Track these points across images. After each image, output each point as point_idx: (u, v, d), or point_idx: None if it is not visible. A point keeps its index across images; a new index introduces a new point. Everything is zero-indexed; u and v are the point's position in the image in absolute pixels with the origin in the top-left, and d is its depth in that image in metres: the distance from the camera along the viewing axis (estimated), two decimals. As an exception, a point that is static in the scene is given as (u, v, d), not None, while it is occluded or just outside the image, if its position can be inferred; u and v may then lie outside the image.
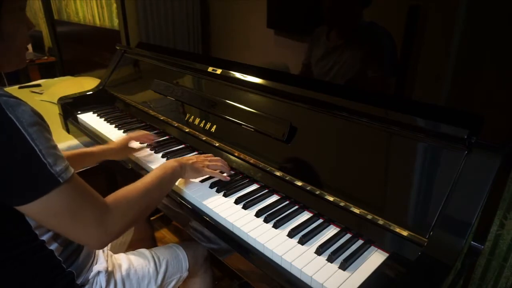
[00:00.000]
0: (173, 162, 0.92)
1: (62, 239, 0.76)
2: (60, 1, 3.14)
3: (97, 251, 0.92)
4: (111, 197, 0.73)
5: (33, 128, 0.60)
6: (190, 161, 0.96)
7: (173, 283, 1.01)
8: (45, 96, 2.55)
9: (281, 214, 0.85)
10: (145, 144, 1.20)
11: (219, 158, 1.04)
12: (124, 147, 1.14)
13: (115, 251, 1.04)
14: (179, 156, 1.13)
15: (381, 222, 0.75)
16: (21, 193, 0.60)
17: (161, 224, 2.03)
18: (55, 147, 0.63)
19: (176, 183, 0.97)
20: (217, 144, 1.12)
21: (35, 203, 0.60)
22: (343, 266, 0.70)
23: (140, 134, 1.18)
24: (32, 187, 0.60)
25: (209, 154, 1.07)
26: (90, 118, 1.50)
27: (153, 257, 0.98)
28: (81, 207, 0.65)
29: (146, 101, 1.47)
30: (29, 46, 3.72)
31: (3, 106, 0.58)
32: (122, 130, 1.36)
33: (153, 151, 1.17)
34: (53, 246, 0.74)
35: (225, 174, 1.00)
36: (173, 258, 1.01)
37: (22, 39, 0.70)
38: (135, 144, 1.19)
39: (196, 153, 1.17)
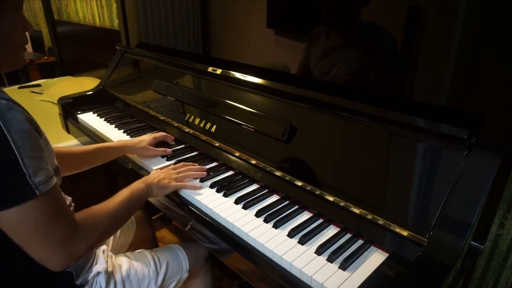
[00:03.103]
0: (139, 183, 0.90)
1: None
2: (60, 1, 3.14)
3: (97, 251, 0.91)
4: (80, 215, 0.70)
5: (20, 135, 0.58)
6: (156, 179, 0.93)
7: (173, 284, 1.00)
8: (45, 96, 2.55)
9: (281, 214, 0.85)
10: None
11: (190, 165, 1.01)
12: (148, 144, 1.13)
13: (116, 252, 1.04)
14: (179, 157, 1.14)
15: (381, 222, 0.75)
16: None
17: (161, 224, 2.03)
18: (40, 157, 0.61)
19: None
20: (217, 144, 1.12)
21: (6, 212, 0.58)
22: (343, 266, 0.70)
23: (163, 134, 1.20)
24: (6, 195, 0.58)
25: (181, 164, 1.03)
26: (90, 118, 1.50)
27: (153, 258, 0.98)
28: (51, 224, 0.62)
29: (146, 101, 1.47)
30: (29, 46, 3.73)
31: None
32: (122, 130, 1.36)
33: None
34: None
35: (197, 182, 0.98)
36: (173, 259, 1.01)
37: (18, 38, 0.70)
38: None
39: (196, 153, 1.17)
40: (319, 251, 0.74)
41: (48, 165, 0.64)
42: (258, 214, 0.85)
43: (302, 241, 0.77)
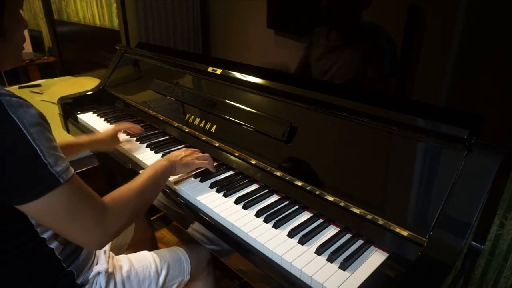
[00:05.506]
0: (163, 161, 0.93)
1: (63, 237, 0.76)
2: (60, 1, 3.14)
3: (97, 251, 0.92)
4: (108, 198, 0.74)
5: (35, 128, 0.60)
6: (179, 157, 0.96)
7: (174, 286, 1.00)
8: (45, 96, 2.55)
9: (281, 214, 0.85)
10: (133, 136, 1.27)
11: (207, 154, 1.06)
12: (112, 138, 1.19)
13: (116, 252, 1.04)
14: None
15: (381, 222, 0.75)
16: (22, 192, 0.60)
17: (161, 224, 2.03)
18: (56, 147, 0.64)
19: (176, 183, 0.97)
20: (217, 144, 1.12)
21: (36, 203, 0.61)
22: (343, 266, 0.70)
23: (127, 126, 1.24)
24: (33, 187, 0.60)
25: (196, 149, 1.08)
26: (90, 118, 1.50)
27: (154, 259, 0.98)
28: (80, 208, 0.66)
29: (146, 101, 1.47)
30: (29, 46, 3.73)
31: (5, 106, 0.58)
32: (122, 130, 1.36)
33: (153, 151, 1.17)
34: (53, 245, 0.75)
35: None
36: (175, 261, 1.01)
37: (20, 37, 0.72)
38: (122, 136, 1.25)
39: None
40: (319, 251, 0.74)
41: (63, 155, 0.66)
42: (258, 214, 0.85)
43: (302, 241, 0.77)
